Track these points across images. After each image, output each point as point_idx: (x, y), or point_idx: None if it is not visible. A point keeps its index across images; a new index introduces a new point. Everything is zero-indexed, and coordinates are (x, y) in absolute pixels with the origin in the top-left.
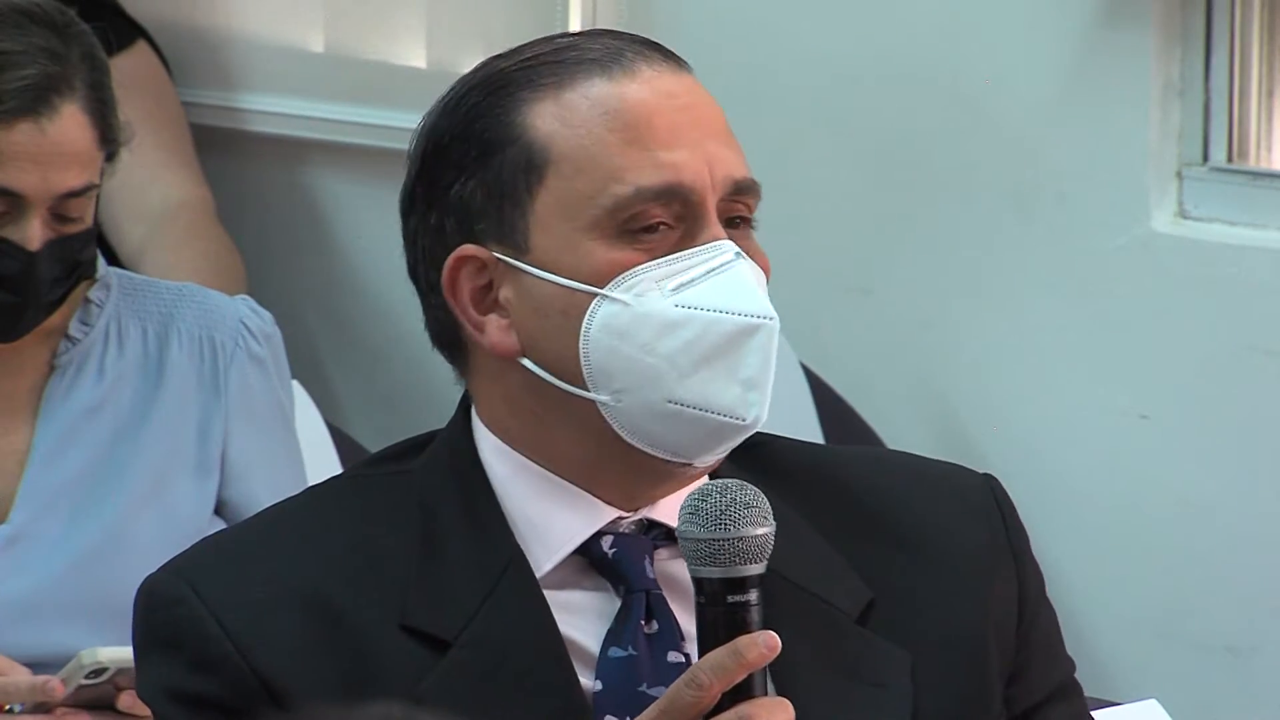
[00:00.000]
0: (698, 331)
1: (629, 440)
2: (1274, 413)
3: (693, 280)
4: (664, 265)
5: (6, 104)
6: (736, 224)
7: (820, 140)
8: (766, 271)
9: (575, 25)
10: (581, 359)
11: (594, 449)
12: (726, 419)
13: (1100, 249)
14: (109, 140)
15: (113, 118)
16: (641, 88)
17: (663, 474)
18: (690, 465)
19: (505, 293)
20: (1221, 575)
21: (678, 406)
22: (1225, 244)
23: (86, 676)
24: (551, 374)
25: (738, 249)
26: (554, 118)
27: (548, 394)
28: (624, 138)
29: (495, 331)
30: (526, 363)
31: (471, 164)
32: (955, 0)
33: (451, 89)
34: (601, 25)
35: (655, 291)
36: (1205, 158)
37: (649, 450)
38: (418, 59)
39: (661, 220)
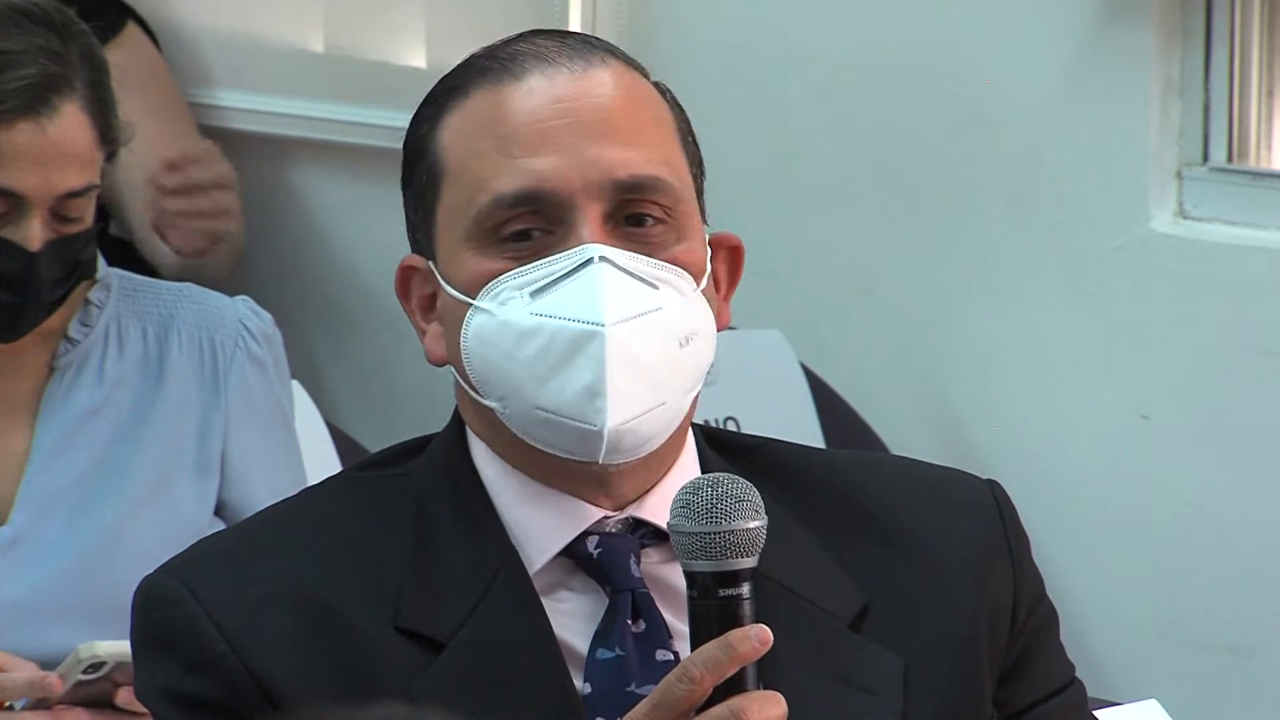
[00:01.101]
0: (547, 339)
1: (532, 445)
2: (1274, 413)
3: (547, 287)
4: (525, 273)
5: (7, 104)
6: (643, 221)
7: (820, 140)
8: (690, 267)
9: (575, 26)
10: (465, 367)
11: (524, 453)
12: (582, 424)
13: (1100, 249)
14: (109, 140)
15: (113, 117)
16: (522, 94)
17: (585, 474)
18: (596, 463)
19: (440, 301)
20: (1221, 575)
21: (545, 414)
22: (1225, 244)
23: (85, 671)
24: (464, 382)
25: (601, 252)
26: (451, 130)
27: (474, 400)
28: (493, 146)
29: (430, 340)
30: (453, 370)
31: (407, 177)
32: (955, 0)
33: None
34: (601, 25)
35: (516, 300)
36: (1205, 158)
37: (553, 452)
38: (415, 58)
39: (531, 226)
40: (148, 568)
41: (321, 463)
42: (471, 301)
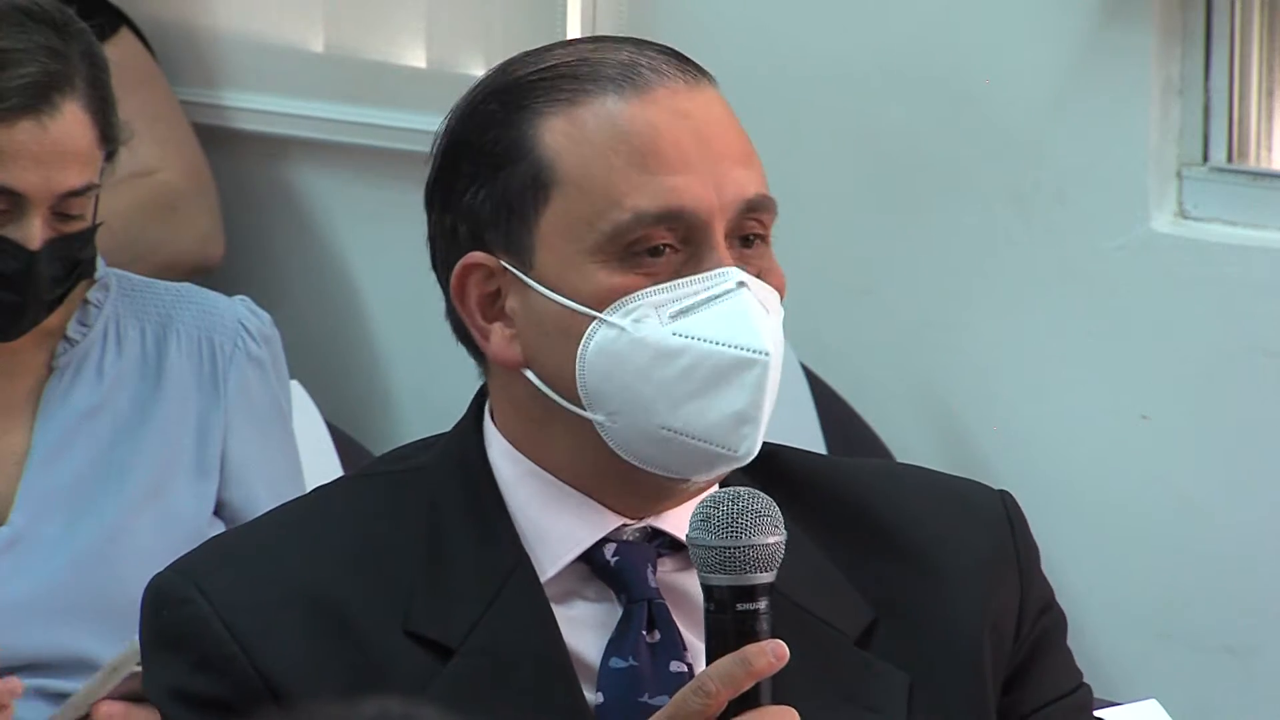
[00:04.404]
0: (692, 361)
1: (624, 458)
2: (1274, 413)
3: (691, 308)
4: (664, 291)
5: (8, 102)
6: (750, 241)
7: (820, 140)
8: (780, 288)
9: (575, 25)
10: (578, 379)
11: (593, 462)
12: (717, 449)
13: (1100, 249)
14: (109, 139)
15: (113, 116)
16: (652, 108)
17: (662, 489)
18: (688, 482)
19: (512, 303)
20: (1221, 575)
21: (670, 433)
22: (1225, 244)
23: (139, 664)
24: (551, 389)
25: (742, 277)
26: (563, 135)
27: (549, 406)
28: (628, 160)
29: (499, 341)
30: (529, 374)
31: (483, 174)
32: (955, 0)
33: (472, 90)
34: (601, 25)
35: (653, 318)
36: (1205, 158)
37: (645, 468)
38: (416, 58)
39: (665, 243)
40: (147, 567)
41: (321, 463)
42: (598, 315)
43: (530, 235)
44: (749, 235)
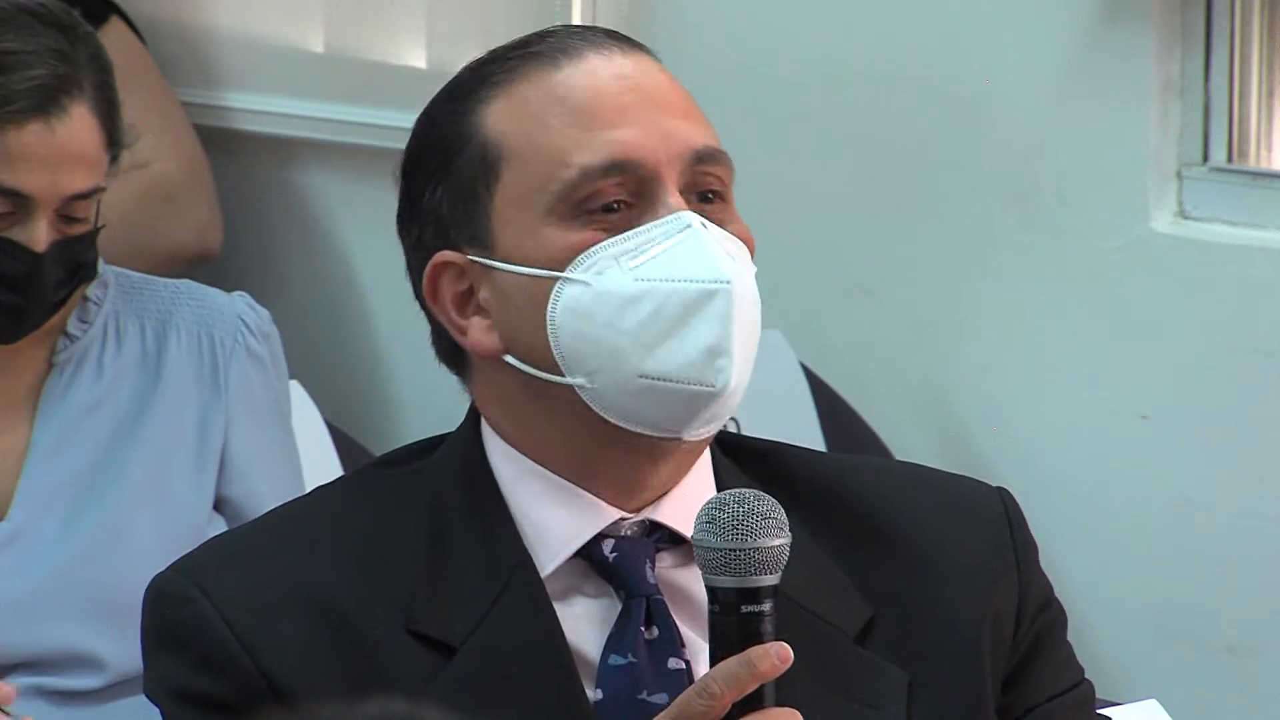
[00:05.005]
0: (658, 303)
1: (613, 421)
2: (1274, 413)
3: (651, 253)
4: (622, 241)
5: (16, 104)
6: (710, 198)
7: (820, 140)
8: (749, 244)
9: (575, 24)
10: (551, 343)
11: (585, 437)
12: (697, 387)
13: (1100, 249)
14: (115, 142)
15: (119, 119)
16: (588, 73)
17: (655, 451)
18: (679, 438)
19: (484, 294)
20: (1221, 575)
21: (649, 380)
22: (1225, 244)
23: None
24: (531, 366)
25: (702, 219)
26: (504, 114)
27: (534, 388)
28: (569, 121)
29: (477, 333)
30: (510, 359)
31: (437, 171)
32: (955, 0)
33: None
34: (601, 24)
35: (615, 268)
36: (1205, 158)
37: (634, 428)
38: (416, 58)
39: (618, 198)
40: (147, 564)
41: (321, 463)
42: (560, 275)
43: (486, 218)
44: (706, 191)
